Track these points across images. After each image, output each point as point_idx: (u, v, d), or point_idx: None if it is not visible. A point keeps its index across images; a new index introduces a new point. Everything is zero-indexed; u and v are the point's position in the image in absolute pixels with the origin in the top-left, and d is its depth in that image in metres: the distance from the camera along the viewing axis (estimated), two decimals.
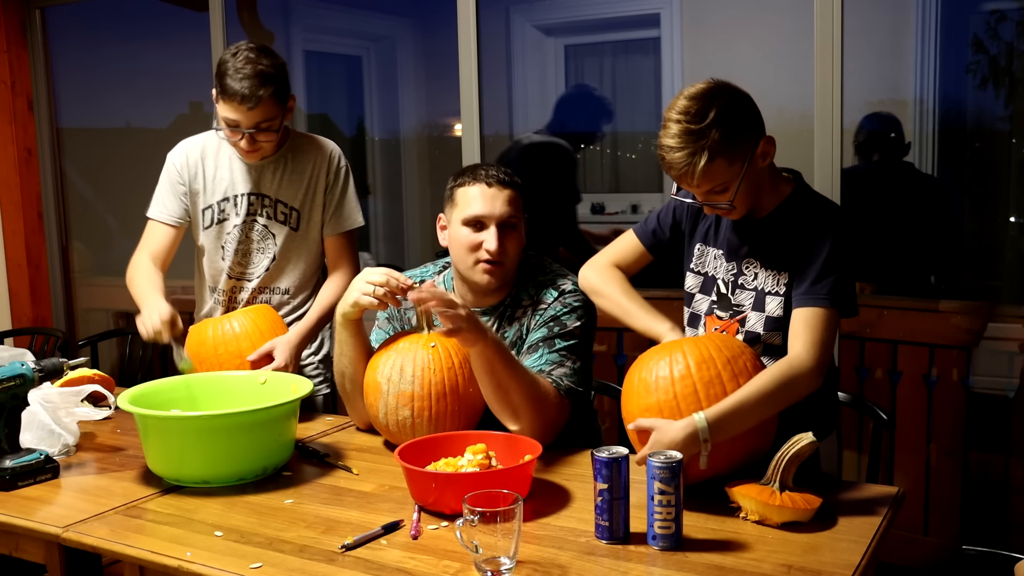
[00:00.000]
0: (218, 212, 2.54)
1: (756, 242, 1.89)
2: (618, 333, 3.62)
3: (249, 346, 2.33)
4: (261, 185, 2.51)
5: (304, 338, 2.42)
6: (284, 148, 2.51)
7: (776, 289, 1.86)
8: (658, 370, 1.71)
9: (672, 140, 1.71)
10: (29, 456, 1.88)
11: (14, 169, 4.32)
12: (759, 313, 1.88)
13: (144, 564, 1.56)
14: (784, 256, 1.85)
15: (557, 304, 2.03)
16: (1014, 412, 3.12)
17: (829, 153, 2.80)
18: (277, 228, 2.53)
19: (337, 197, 2.54)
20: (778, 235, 1.87)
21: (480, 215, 2.00)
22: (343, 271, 2.55)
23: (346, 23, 5.20)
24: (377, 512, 1.69)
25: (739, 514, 1.61)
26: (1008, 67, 3.39)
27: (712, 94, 1.72)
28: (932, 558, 3.12)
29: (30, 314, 4.37)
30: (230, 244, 2.56)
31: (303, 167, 2.51)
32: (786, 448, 1.61)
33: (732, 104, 1.73)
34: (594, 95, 4.52)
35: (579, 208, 4.71)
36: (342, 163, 2.55)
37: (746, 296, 1.90)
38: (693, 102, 1.71)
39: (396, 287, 1.94)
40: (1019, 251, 3.49)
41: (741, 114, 1.74)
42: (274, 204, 2.51)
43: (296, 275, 2.58)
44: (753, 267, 1.89)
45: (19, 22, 4.31)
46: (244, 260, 2.56)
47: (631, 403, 1.74)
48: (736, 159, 1.73)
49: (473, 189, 2.01)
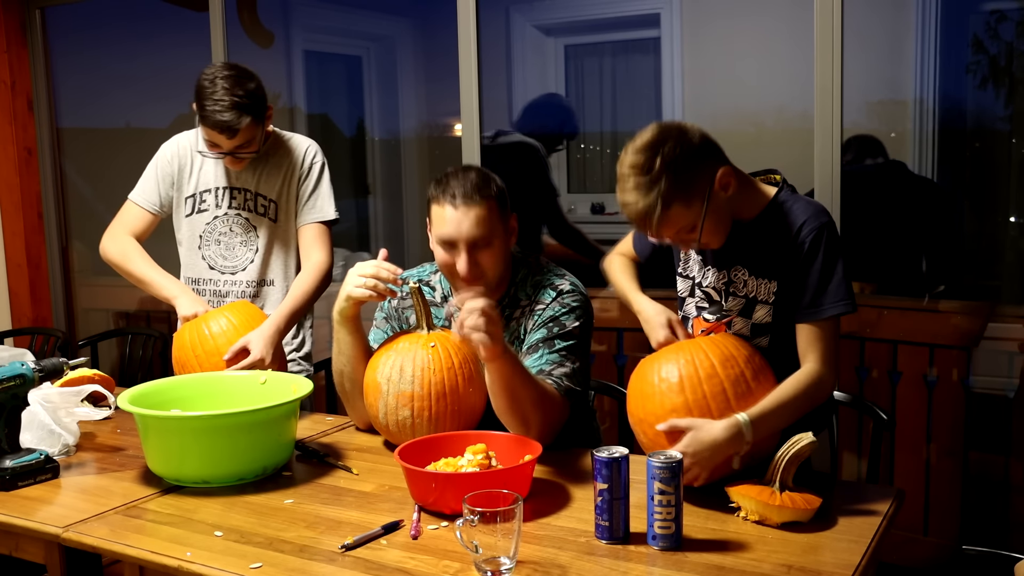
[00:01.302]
0: (199, 202, 2.60)
1: (742, 249, 1.89)
2: (618, 333, 3.62)
3: (226, 343, 2.30)
4: (243, 180, 2.57)
5: (279, 328, 2.37)
6: (266, 145, 2.57)
7: (765, 298, 1.87)
8: (682, 369, 1.71)
9: (627, 196, 1.72)
10: (29, 456, 1.88)
11: (14, 169, 4.32)
12: (745, 319, 1.91)
13: (144, 564, 1.56)
14: (771, 264, 1.86)
15: (555, 304, 2.03)
16: (1014, 412, 3.12)
17: (829, 153, 2.80)
18: (258, 221, 2.58)
19: (310, 189, 2.57)
20: (763, 241, 1.86)
21: (449, 237, 1.97)
22: (315, 260, 2.53)
23: (346, 23, 5.20)
24: (377, 512, 1.69)
25: (739, 514, 1.61)
26: (1008, 67, 3.39)
27: (656, 143, 1.70)
28: (932, 558, 3.12)
29: (30, 314, 4.37)
30: (210, 235, 2.60)
31: (281, 161, 2.57)
32: (786, 448, 1.61)
33: (678, 148, 1.70)
34: (563, 104, 4.54)
35: (578, 208, 4.72)
36: (317, 158, 2.59)
37: (736, 303, 1.92)
38: (639, 155, 1.70)
39: (386, 278, 1.95)
40: (1019, 251, 3.49)
41: (688, 156, 1.71)
42: (254, 197, 2.57)
43: (282, 268, 2.61)
44: (741, 275, 1.90)
45: (19, 22, 4.31)
46: (228, 253, 2.60)
47: (654, 404, 1.72)
48: (693, 200, 1.72)
49: (442, 210, 1.97)
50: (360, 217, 5.21)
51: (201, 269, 2.62)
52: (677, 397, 1.69)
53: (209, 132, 2.39)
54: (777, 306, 1.86)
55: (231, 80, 2.35)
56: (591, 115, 4.84)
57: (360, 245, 5.13)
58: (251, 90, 2.37)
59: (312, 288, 2.49)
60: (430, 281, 2.18)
